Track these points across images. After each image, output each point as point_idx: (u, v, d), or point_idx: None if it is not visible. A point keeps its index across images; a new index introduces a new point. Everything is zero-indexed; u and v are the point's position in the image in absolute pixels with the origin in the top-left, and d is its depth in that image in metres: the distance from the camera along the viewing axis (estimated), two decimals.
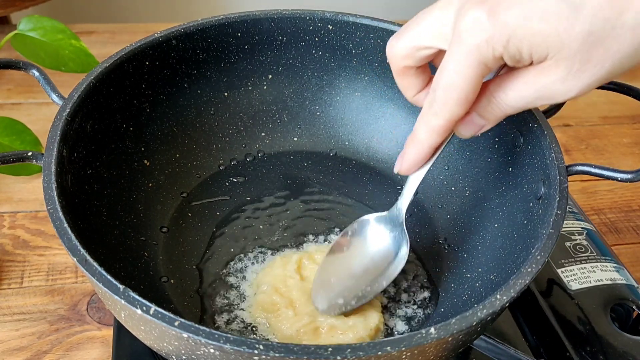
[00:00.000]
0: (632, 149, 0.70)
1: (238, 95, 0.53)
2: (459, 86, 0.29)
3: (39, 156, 0.36)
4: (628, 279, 0.46)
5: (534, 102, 0.30)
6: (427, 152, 0.35)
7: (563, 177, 0.37)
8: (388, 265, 0.40)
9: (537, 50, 0.28)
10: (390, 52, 0.34)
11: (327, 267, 0.41)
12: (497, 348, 0.37)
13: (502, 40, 0.27)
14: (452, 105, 0.30)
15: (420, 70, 0.35)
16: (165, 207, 0.48)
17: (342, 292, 0.40)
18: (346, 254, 0.41)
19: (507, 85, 0.30)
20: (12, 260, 0.50)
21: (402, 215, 0.40)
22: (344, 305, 0.39)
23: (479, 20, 0.27)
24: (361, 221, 0.42)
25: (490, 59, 0.28)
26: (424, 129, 0.33)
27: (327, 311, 0.40)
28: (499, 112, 0.32)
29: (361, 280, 0.40)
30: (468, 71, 0.29)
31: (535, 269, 0.32)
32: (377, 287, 0.40)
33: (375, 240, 0.41)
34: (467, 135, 0.34)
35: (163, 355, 0.32)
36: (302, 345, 0.26)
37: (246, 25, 0.49)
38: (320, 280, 0.41)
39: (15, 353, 0.44)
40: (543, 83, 0.29)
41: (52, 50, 0.60)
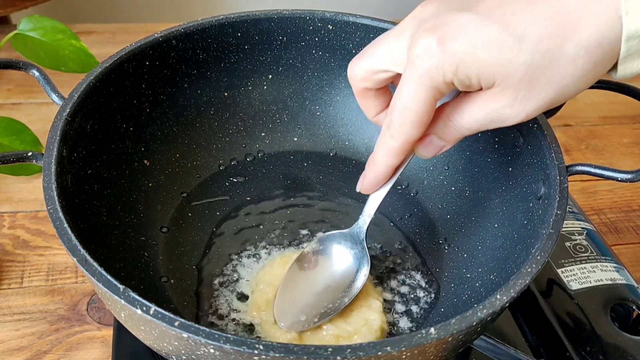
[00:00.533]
0: (632, 149, 0.70)
1: (238, 95, 0.53)
2: (413, 109, 0.31)
3: (39, 156, 0.36)
4: (628, 279, 0.46)
5: (487, 125, 0.32)
6: (386, 173, 0.36)
7: (563, 177, 0.37)
8: (350, 283, 0.41)
9: (484, 77, 0.29)
10: (350, 74, 0.35)
11: (289, 284, 0.42)
12: (497, 348, 0.37)
13: (452, 67, 0.29)
14: (407, 128, 0.32)
15: (380, 92, 0.36)
16: (165, 207, 0.48)
17: (304, 309, 0.40)
18: (308, 271, 0.42)
19: (462, 108, 0.32)
20: (12, 260, 0.50)
21: (362, 233, 0.41)
22: (307, 323, 0.39)
23: (430, 47, 0.29)
24: (322, 238, 0.43)
25: (441, 84, 0.30)
26: (382, 150, 0.34)
27: (289, 328, 0.39)
28: (456, 134, 0.33)
29: (323, 297, 0.41)
30: (421, 95, 0.30)
31: (535, 269, 0.32)
32: (340, 304, 0.40)
33: (336, 258, 0.42)
34: (429, 155, 0.35)
35: (163, 355, 0.32)
36: (302, 346, 0.26)
37: (246, 25, 0.49)
38: (282, 297, 0.41)
39: (15, 353, 0.44)
40: (493, 108, 0.30)
41: (52, 50, 0.60)
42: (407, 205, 0.51)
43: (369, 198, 0.40)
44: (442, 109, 0.33)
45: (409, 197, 0.51)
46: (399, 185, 0.52)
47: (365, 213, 0.41)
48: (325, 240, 0.43)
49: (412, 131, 0.32)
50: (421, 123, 0.31)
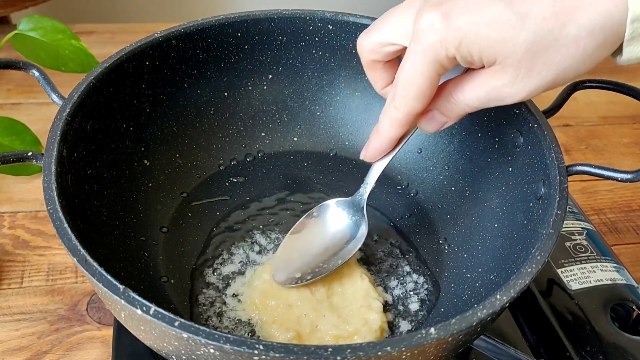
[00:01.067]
0: (632, 149, 0.70)
1: (238, 95, 0.53)
2: (416, 82, 0.32)
3: (39, 156, 0.36)
4: (628, 279, 0.46)
5: (487, 103, 0.32)
6: (389, 143, 0.38)
7: (563, 177, 0.37)
8: (345, 245, 0.43)
9: (486, 54, 0.29)
10: (359, 47, 0.37)
11: (289, 243, 0.44)
12: (497, 348, 0.37)
13: (454, 43, 0.29)
14: (410, 100, 0.33)
15: (388, 65, 0.37)
16: (165, 207, 0.48)
17: (301, 267, 0.42)
18: (308, 232, 0.44)
19: (463, 85, 0.33)
20: (12, 260, 0.50)
21: (363, 200, 0.43)
22: (300, 279, 0.42)
23: (434, 22, 0.29)
24: (325, 204, 0.45)
25: (444, 59, 0.30)
26: (386, 121, 0.36)
27: (283, 283, 0.42)
28: (457, 110, 0.34)
29: (319, 257, 0.43)
30: (424, 69, 0.31)
31: (535, 269, 0.32)
32: (332, 265, 0.42)
33: (336, 222, 0.44)
34: (431, 130, 0.36)
35: (163, 355, 0.32)
36: (302, 346, 0.26)
37: (246, 25, 0.49)
38: (282, 255, 0.43)
39: (15, 353, 0.44)
40: (493, 85, 0.31)
41: (52, 50, 0.60)
42: (407, 205, 0.51)
43: (372, 167, 0.41)
44: (445, 85, 0.33)
45: (409, 197, 0.51)
46: (399, 185, 0.52)
47: (367, 182, 0.42)
48: (327, 205, 0.45)
49: (414, 103, 0.33)
50: (424, 96, 0.32)
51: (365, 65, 0.37)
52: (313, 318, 0.41)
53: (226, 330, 0.40)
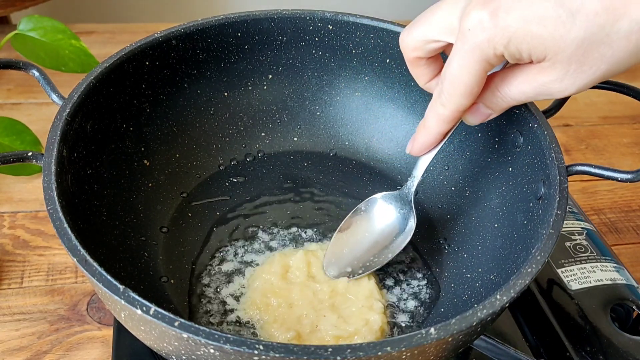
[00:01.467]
0: (632, 149, 0.70)
1: (238, 95, 0.53)
2: (463, 80, 0.32)
3: (39, 156, 0.36)
4: (628, 279, 0.46)
5: (534, 97, 0.32)
6: (436, 138, 0.38)
7: (563, 177, 0.37)
8: (394, 239, 0.44)
9: (535, 51, 0.29)
10: (402, 44, 0.36)
11: (340, 238, 0.45)
12: (497, 348, 0.37)
13: (503, 41, 0.29)
14: (458, 97, 0.33)
15: (431, 60, 0.37)
16: (165, 207, 0.48)
17: (352, 262, 0.43)
18: (357, 227, 0.45)
19: (510, 80, 0.32)
20: (12, 260, 0.50)
21: (411, 194, 0.43)
22: (352, 273, 0.43)
23: (482, 20, 0.29)
24: (373, 198, 0.45)
25: (491, 57, 0.30)
26: (432, 117, 0.36)
27: (336, 276, 0.43)
28: (503, 104, 0.34)
29: (369, 251, 0.44)
30: (471, 67, 0.31)
31: (535, 269, 0.32)
32: (383, 259, 0.43)
33: (385, 216, 0.45)
34: (475, 122, 0.36)
35: (163, 355, 0.32)
36: (302, 346, 0.26)
37: (246, 25, 0.49)
38: (333, 250, 0.44)
39: (15, 353, 0.44)
40: (542, 81, 0.31)
41: (52, 50, 0.60)
42: None
43: (418, 161, 0.42)
44: (491, 79, 0.33)
45: None
46: (399, 186, 0.52)
47: (414, 175, 0.43)
48: (376, 200, 0.45)
49: (462, 101, 0.33)
50: (471, 93, 0.32)
51: (408, 62, 0.37)
52: (313, 318, 0.41)
53: (226, 330, 0.40)
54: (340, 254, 0.44)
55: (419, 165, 0.42)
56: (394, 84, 0.52)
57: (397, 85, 0.52)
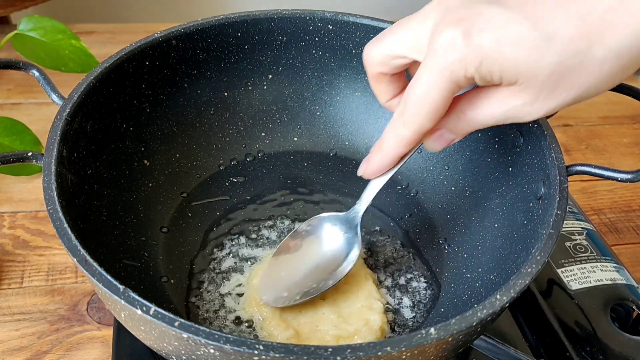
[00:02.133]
0: (632, 149, 0.70)
1: (238, 95, 0.53)
2: (429, 101, 0.30)
3: (39, 156, 0.36)
4: (628, 279, 0.46)
5: (502, 121, 0.31)
6: (392, 161, 0.36)
7: (563, 177, 0.37)
8: (337, 266, 0.41)
9: (507, 75, 0.28)
10: (365, 58, 0.34)
11: (278, 260, 0.42)
12: (497, 348, 0.37)
13: (475, 62, 0.28)
14: (421, 118, 0.31)
15: (394, 78, 0.35)
16: (165, 207, 0.48)
17: (289, 286, 0.41)
18: (299, 249, 0.42)
19: (477, 103, 0.31)
20: (12, 260, 0.50)
21: (358, 218, 0.41)
22: (288, 299, 0.40)
23: (454, 39, 0.28)
24: (317, 219, 0.43)
25: (461, 78, 0.29)
26: (391, 137, 0.34)
27: (272, 303, 0.40)
28: (468, 128, 0.32)
29: (309, 277, 0.41)
30: (440, 87, 0.29)
31: (535, 269, 0.32)
32: (323, 286, 0.40)
33: (328, 240, 0.42)
34: (437, 148, 0.34)
35: (163, 355, 0.32)
36: (302, 346, 0.26)
37: (246, 25, 0.49)
38: (269, 272, 0.42)
39: (15, 353, 0.44)
40: (512, 105, 0.30)
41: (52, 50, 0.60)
42: (407, 205, 0.51)
43: (369, 184, 0.40)
44: (456, 102, 0.32)
45: (409, 197, 0.51)
46: (399, 185, 0.52)
47: (363, 199, 0.40)
48: (320, 220, 0.43)
49: (425, 122, 0.31)
50: (436, 114, 0.31)
51: (370, 77, 0.36)
52: (313, 317, 0.41)
53: (226, 329, 0.40)
54: (277, 278, 0.41)
55: (369, 188, 0.40)
56: None
57: None
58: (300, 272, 0.41)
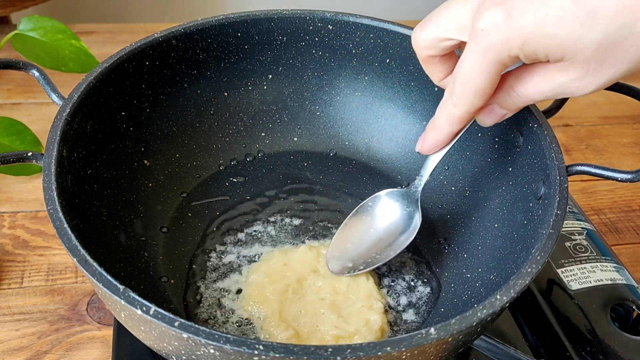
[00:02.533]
0: (632, 149, 0.70)
1: (238, 95, 0.53)
2: (475, 81, 0.31)
3: (39, 156, 0.36)
4: (628, 279, 0.46)
5: (552, 96, 0.31)
6: (446, 137, 0.37)
7: (563, 177, 0.37)
8: (398, 237, 0.43)
9: (552, 52, 0.28)
10: (414, 43, 0.35)
11: (344, 233, 0.44)
12: (497, 348, 0.37)
13: (518, 43, 0.28)
14: (469, 98, 0.32)
15: (445, 58, 0.36)
16: (165, 207, 0.48)
17: (353, 257, 0.43)
18: (362, 223, 0.44)
19: (526, 79, 0.31)
20: (12, 260, 0.50)
21: (418, 192, 0.43)
22: (353, 269, 0.43)
23: (496, 21, 0.28)
24: (378, 195, 0.45)
25: (506, 58, 0.29)
26: (443, 116, 0.35)
27: (337, 272, 0.43)
28: (518, 103, 0.33)
29: (372, 248, 0.43)
30: (484, 68, 0.30)
31: (535, 269, 0.32)
32: (385, 256, 0.42)
33: (390, 214, 0.44)
34: (489, 123, 0.35)
35: (163, 355, 0.32)
36: (302, 346, 0.26)
37: (246, 25, 0.49)
38: (336, 244, 0.44)
39: (15, 353, 0.44)
40: (560, 81, 0.30)
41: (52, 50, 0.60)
42: None
43: (427, 160, 0.41)
44: (505, 78, 0.32)
45: None
46: (399, 186, 0.52)
47: (422, 174, 0.42)
48: (382, 197, 0.45)
49: (474, 101, 0.32)
50: (483, 94, 0.31)
51: (422, 60, 0.36)
52: (313, 317, 0.41)
53: (226, 329, 0.40)
54: (342, 249, 0.44)
55: (427, 164, 0.41)
56: (394, 84, 0.52)
57: (397, 85, 0.52)
58: (364, 244, 0.44)
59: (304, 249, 0.45)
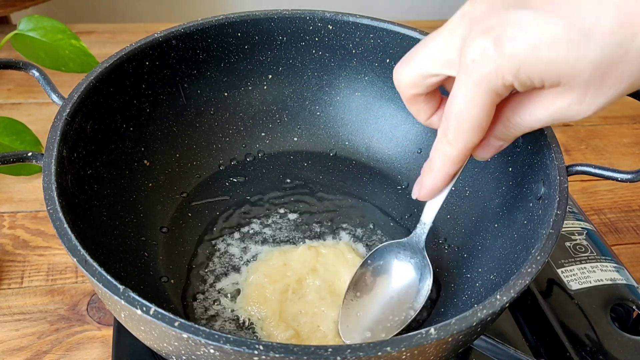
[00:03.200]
0: (632, 149, 0.70)
1: (238, 95, 0.53)
2: (471, 115, 0.29)
3: (39, 156, 0.36)
4: (628, 279, 0.46)
5: (551, 122, 0.30)
6: (444, 180, 0.35)
7: (563, 177, 0.37)
8: (414, 294, 0.40)
9: (548, 77, 0.27)
10: (397, 81, 0.33)
11: (351, 299, 0.41)
12: (497, 348, 0.37)
13: (512, 70, 0.27)
14: (466, 135, 0.30)
15: (429, 96, 0.34)
16: (165, 207, 0.48)
17: (370, 325, 0.40)
18: (370, 285, 0.41)
19: (522, 108, 0.30)
20: (12, 260, 0.50)
21: (422, 242, 0.41)
22: (373, 338, 0.39)
23: (486, 50, 0.27)
24: (381, 249, 0.42)
25: (500, 87, 0.28)
26: (439, 157, 0.33)
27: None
28: (516, 133, 0.31)
29: (388, 311, 0.40)
30: (479, 100, 0.28)
31: (535, 269, 0.32)
32: (405, 317, 0.39)
33: (397, 270, 0.42)
34: (487, 157, 0.34)
35: (163, 355, 0.32)
36: (302, 346, 0.26)
37: (246, 25, 0.49)
38: (347, 315, 0.40)
39: (15, 353, 0.44)
40: (558, 106, 0.28)
41: (52, 50, 0.60)
42: (407, 205, 0.51)
43: (426, 205, 0.39)
44: (500, 110, 0.31)
45: (409, 197, 0.51)
46: (399, 185, 0.52)
47: (424, 221, 0.40)
48: (383, 251, 0.42)
49: (471, 138, 0.30)
50: (480, 128, 0.30)
51: (406, 100, 0.34)
52: (313, 317, 0.41)
53: (225, 329, 0.40)
54: (356, 319, 0.40)
55: (427, 210, 0.39)
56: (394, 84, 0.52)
57: None
58: (378, 309, 0.40)
59: (303, 249, 0.45)
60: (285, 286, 0.42)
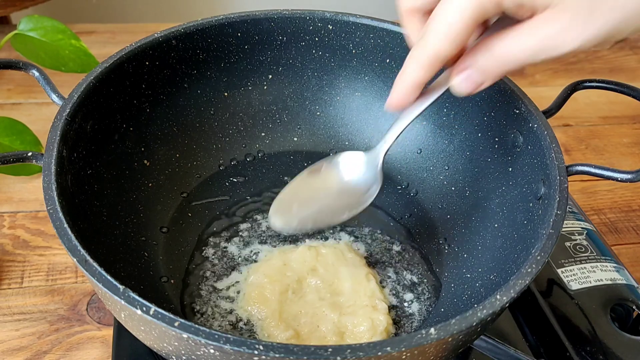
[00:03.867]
0: (632, 149, 0.70)
1: (238, 95, 0.53)
2: (450, 21, 0.29)
3: (39, 156, 0.36)
4: (628, 279, 0.46)
5: (537, 54, 0.29)
6: (413, 87, 0.33)
7: (563, 177, 0.37)
8: (355, 200, 0.41)
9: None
10: None
11: (293, 189, 0.42)
12: (497, 348, 0.37)
13: None
14: (440, 40, 0.30)
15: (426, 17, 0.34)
16: (165, 207, 0.48)
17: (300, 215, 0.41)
18: (316, 180, 0.42)
19: (509, 37, 0.29)
20: (12, 260, 0.50)
21: (380, 157, 0.40)
22: (298, 228, 0.41)
23: None
24: (340, 154, 0.42)
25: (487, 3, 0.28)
26: (411, 61, 0.32)
27: (280, 228, 0.40)
28: (499, 67, 0.31)
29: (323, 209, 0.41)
30: (462, 6, 0.28)
31: (535, 269, 0.32)
32: (336, 220, 0.40)
33: (347, 175, 0.42)
34: (464, 91, 0.33)
35: (163, 355, 0.32)
36: (302, 346, 0.26)
37: (246, 25, 0.49)
38: (283, 199, 0.41)
39: (15, 353, 0.44)
40: (547, 33, 0.28)
41: (52, 50, 0.60)
42: (407, 205, 0.51)
43: (393, 124, 0.39)
44: (485, 39, 0.31)
45: (409, 197, 0.51)
46: (399, 185, 0.52)
47: (385, 139, 0.40)
48: (341, 156, 0.42)
49: (443, 44, 0.30)
50: (454, 39, 0.29)
51: (402, 15, 0.34)
52: (313, 317, 0.41)
53: (225, 329, 0.40)
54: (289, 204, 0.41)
55: (392, 128, 0.39)
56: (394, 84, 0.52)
57: None
58: (315, 204, 0.41)
59: (303, 249, 0.45)
60: (285, 286, 0.42)
